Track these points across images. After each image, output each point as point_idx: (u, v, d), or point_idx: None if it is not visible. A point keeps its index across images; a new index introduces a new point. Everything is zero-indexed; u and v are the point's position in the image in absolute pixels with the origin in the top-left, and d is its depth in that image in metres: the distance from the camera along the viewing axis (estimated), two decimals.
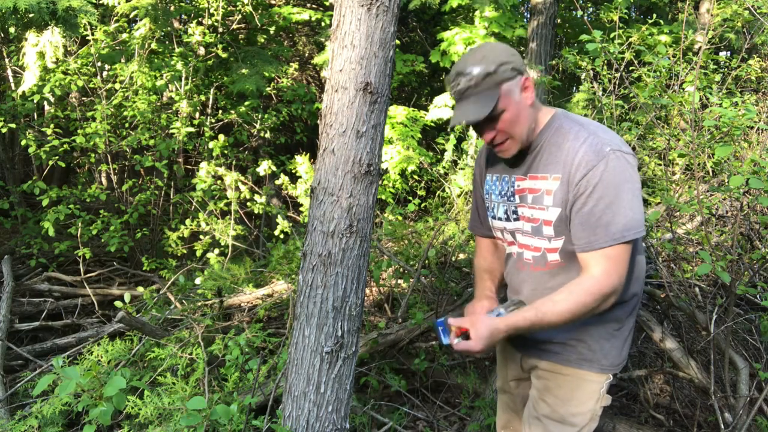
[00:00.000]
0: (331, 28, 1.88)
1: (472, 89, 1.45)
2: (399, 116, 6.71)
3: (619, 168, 1.39)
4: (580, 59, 3.70)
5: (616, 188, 1.38)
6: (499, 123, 1.47)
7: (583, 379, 1.60)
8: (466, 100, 1.47)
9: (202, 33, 6.06)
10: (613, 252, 1.41)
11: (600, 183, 1.39)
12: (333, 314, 1.90)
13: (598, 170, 1.39)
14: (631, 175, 1.41)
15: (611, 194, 1.38)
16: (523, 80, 1.48)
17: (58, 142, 4.80)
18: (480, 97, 1.45)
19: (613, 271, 1.42)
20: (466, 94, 1.46)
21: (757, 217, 2.91)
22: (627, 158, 1.41)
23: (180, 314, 3.45)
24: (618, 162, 1.39)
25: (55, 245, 4.89)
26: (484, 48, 1.49)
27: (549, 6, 6.81)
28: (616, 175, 1.38)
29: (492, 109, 1.43)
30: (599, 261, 1.42)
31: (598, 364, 1.59)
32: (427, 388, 3.11)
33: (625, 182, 1.39)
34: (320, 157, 1.88)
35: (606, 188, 1.38)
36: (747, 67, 4.39)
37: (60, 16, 4.02)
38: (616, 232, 1.39)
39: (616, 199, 1.38)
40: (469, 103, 1.46)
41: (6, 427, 2.45)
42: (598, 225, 1.40)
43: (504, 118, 1.47)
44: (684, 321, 3.00)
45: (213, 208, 4.94)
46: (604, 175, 1.38)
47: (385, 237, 4.07)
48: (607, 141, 1.42)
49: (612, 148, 1.40)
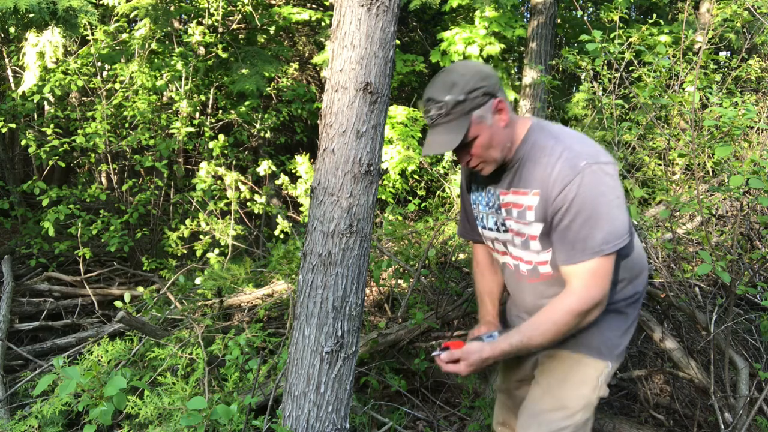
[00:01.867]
0: (331, 28, 1.89)
1: (443, 118, 1.44)
2: (399, 116, 6.71)
3: (595, 181, 1.38)
4: (580, 59, 3.70)
5: (593, 202, 1.37)
6: (472, 149, 1.47)
7: (579, 362, 1.60)
8: (437, 128, 1.46)
9: (202, 33, 6.06)
10: (593, 266, 1.41)
11: (576, 198, 1.38)
12: (333, 314, 1.90)
13: (573, 185, 1.38)
14: (609, 186, 1.39)
15: (588, 209, 1.38)
16: (496, 103, 1.46)
17: (58, 142, 4.80)
18: (450, 126, 1.44)
19: (593, 285, 1.42)
20: (436, 122, 1.45)
21: (757, 217, 2.91)
22: (604, 169, 1.39)
23: (180, 314, 3.45)
24: (594, 175, 1.38)
25: (55, 245, 4.89)
26: (455, 72, 1.46)
27: (549, 6, 6.81)
28: (593, 189, 1.37)
29: (463, 138, 1.43)
30: (579, 275, 1.42)
31: (596, 350, 1.59)
32: (427, 388, 3.11)
33: (601, 195, 1.38)
34: (320, 157, 1.88)
35: (583, 203, 1.38)
36: (747, 67, 4.39)
37: (60, 16, 4.02)
38: (594, 246, 1.39)
39: (593, 213, 1.38)
40: (440, 132, 1.45)
41: (6, 427, 2.45)
42: (577, 240, 1.40)
43: (477, 144, 1.46)
44: (684, 321, 3.00)
45: (213, 208, 4.94)
46: (580, 190, 1.37)
47: (385, 237, 4.07)
48: (582, 154, 1.40)
49: (587, 161, 1.39)
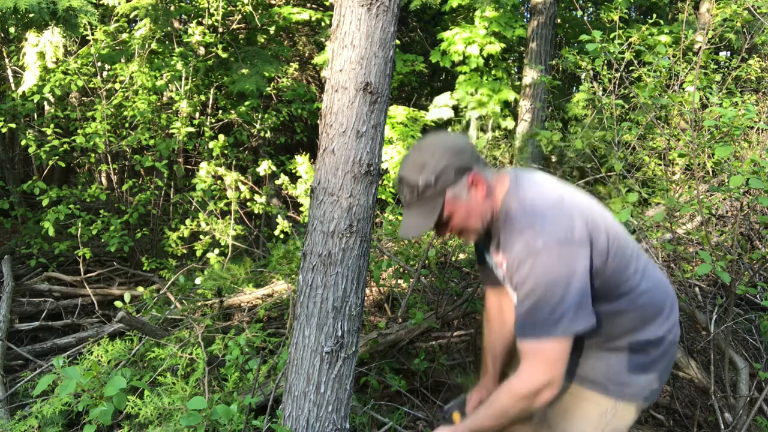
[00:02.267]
0: (331, 28, 1.89)
1: (416, 198, 1.42)
2: (399, 116, 6.71)
3: (550, 264, 1.33)
4: (580, 59, 3.70)
5: (545, 286, 1.33)
6: (451, 225, 1.46)
7: (582, 397, 1.54)
8: (411, 209, 1.44)
9: (202, 33, 6.06)
10: (541, 348, 1.36)
11: (528, 279, 1.34)
12: (333, 314, 1.90)
13: (526, 266, 1.34)
14: (564, 270, 1.33)
15: (539, 291, 1.34)
16: (471, 177, 1.43)
17: (58, 142, 4.80)
18: (424, 208, 1.42)
19: (539, 368, 1.37)
20: (410, 204, 1.44)
21: (757, 217, 2.91)
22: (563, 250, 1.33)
23: (180, 314, 3.45)
24: (548, 258, 1.33)
25: (55, 245, 4.89)
26: (426, 150, 1.43)
27: (549, 6, 6.81)
28: (546, 273, 1.33)
29: (437, 219, 1.42)
30: (528, 356, 1.39)
31: (601, 386, 1.51)
32: (427, 388, 3.11)
33: (557, 278, 1.33)
34: (320, 157, 1.88)
35: (536, 284, 1.34)
36: (747, 67, 4.39)
37: (60, 16, 4.02)
38: (542, 329, 1.35)
39: (543, 296, 1.33)
40: (414, 214, 1.44)
41: (6, 427, 2.45)
42: (526, 320, 1.37)
43: (454, 221, 1.45)
44: (684, 321, 3.00)
45: (213, 208, 4.94)
46: (532, 271, 1.33)
47: (385, 237, 4.07)
48: (543, 233, 1.35)
49: (545, 241, 1.33)
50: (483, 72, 7.03)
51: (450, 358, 3.25)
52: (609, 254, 1.41)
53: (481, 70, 6.98)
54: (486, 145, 6.54)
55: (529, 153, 6.35)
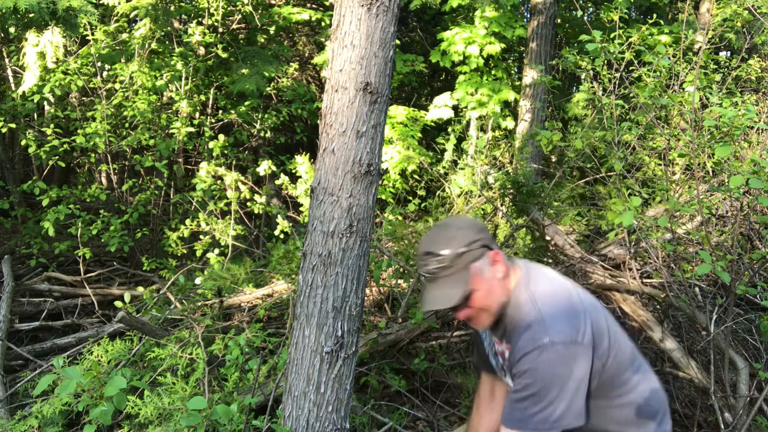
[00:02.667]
0: (331, 28, 1.89)
1: (442, 271, 1.44)
2: (399, 116, 6.72)
3: (551, 362, 1.35)
4: (580, 59, 3.70)
5: (543, 381, 1.35)
6: (472, 301, 1.47)
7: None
8: (436, 282, 1.46)
9: (202, 33, 6.06)
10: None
11: (528, 372, 1.37)
12: (333, 314, 1.90)
13: (529, 358, 1.37)
14: (564, 370, 1.35)
15: (536, 386, 1.36)
16: (493, 255, 1.47)
17: (58, 142, 4.80)
18: (450, 279, 1.44)
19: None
20: (436, 276, 1.45)
21: (757, 217, 2.91)
22: (567, 350, 1.36)
23: (180, 314, 3.45)
24: (551, 356, 1.35)
25: (55, 245, 4.89)
26: (452, 226, 1.49)
27: (549, 6, 6.81)
28: (546, 369, 1.35)
29: (466, 292, 1.43)
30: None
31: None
32: (427, 388, 3.11)
33: (556, 377, 1.35)
34: (320, 157, 1.88)
35: (533, 379, 1.36)
36: (747, 67, 4.39)
37: (60, 16, 4.02)
38: (528, 423, 1.37)
39: (538, 392, 1.36)
40: (440, 286, 1.45)
41: (6, 427, 2.45)
42: (515, 410, 1.39)
43: (476, 297, 1.46)
44: (684, 321, 3.00)
45: (213, 208, 4.94)
46: (534, 365, 1.36)
47: (385, 237, 4.07)
48: (550, 329, 1.37)
49: (551, 338, 1.36)
50: (483, 72, 7.03)
51: (450, 358, 3.25)
52: (609, 357, 1.43)
53: (481, 70, 6.98)
54: (486, 145, 6.54)
55: (529, 153, 6.35)
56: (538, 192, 3.75)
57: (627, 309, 3.06)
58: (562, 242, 3.60)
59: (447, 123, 7.20)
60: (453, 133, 6.87)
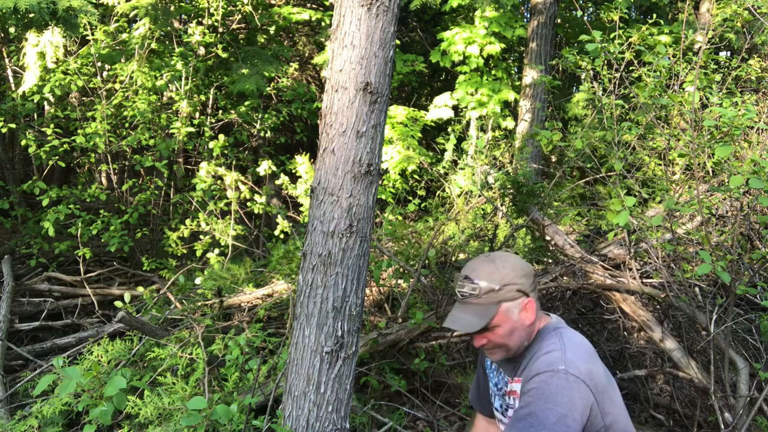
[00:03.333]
0: (331, 28, 1.89)
1: (474, 299, 1.49)
2: (399, 116, 6.72)
3: (559, 387, 1.36)
4: (580, 59, 3.70)
5: (546, 402, 1.36)
6: (491, 334, 1.50)
7: None
8: (465, 306, 1.50)
9: (202, 33, 6.06)
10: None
11: (536, 389, 1.38)
12: (333, 314, 1.90)
13: (540, 377, 1.39)
14: (568, 402, 1.35)
15: (538, 405, 1.36)
16: (526, 302, 1.51)
17: (58, 142, 4.80)
18: (478, 309, 1.48)
19: None
20: (466, 300, 1.50)
21: (757, 217, 2.91)
22: (578, 386, 1.36)
23: (180, 314, 3.45)
24: (562, 382, 1.36)
25: (55, 245, 4.89)
26: (499, 261, 1.52)
27: (549, 6, 6.81)
28: (553, 393, 1.36)
29: (486, 324, 1.47)
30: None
31: None
32: (427, 388, 3.11)
33: (559, 403, 1.35)
34: (320, 157, 1.88)
35: (538, 397, 1.37)
36: (747, 67, 4.39)
37: (60, 16, 4.02)
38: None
39: (540, 411, 1.35)
40: (466, 311, 1.50)
41: (6, 427, 2.45)
42: (512, 428, 1.40)
43: (496, 332, 1.49)
44: (684, 321, 3.00)
45: (213, 208, 4.94)
46: (543, 385, 1.38)
47: (385, 237, 4.07)
48: (569, 362, 1.40)
49: (567, 368, 1.38)
50: (483, 72, 7.03)
51: (450, 358, 3.25)
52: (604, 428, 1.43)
53: (481, 70, 6.98)
54: (486, 145, 6.54)
55: (529, 153, 6.35)
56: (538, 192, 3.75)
57: (627, 309, 3.06)
58: (562, 242, 3.60)
59: (447, 123, 7.20)
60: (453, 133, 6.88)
